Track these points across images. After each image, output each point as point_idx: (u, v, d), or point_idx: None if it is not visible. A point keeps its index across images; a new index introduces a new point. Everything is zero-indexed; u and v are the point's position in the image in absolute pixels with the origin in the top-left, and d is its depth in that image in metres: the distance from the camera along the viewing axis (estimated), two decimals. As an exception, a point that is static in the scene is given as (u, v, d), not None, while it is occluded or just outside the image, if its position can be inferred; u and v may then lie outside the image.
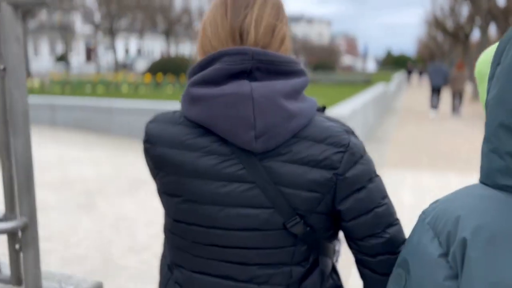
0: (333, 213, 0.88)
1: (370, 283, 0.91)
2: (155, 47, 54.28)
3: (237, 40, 0.85)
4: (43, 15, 41.78)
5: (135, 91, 12.67)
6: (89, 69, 39.78)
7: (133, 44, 52.93)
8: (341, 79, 21.62)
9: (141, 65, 39.53)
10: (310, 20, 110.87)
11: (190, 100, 0.84)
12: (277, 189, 0.82)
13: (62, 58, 39.67)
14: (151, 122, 0.91)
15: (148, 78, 14.42)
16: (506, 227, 0.56)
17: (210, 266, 0.89)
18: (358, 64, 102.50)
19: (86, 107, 9.38)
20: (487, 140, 0.63)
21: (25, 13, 19.83)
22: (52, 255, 3.33)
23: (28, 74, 19.86)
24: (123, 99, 9.68)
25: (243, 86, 0.79)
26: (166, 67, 14.98)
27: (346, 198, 0.84)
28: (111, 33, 34.52)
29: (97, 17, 35.46)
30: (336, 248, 1.01)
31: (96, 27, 35.92)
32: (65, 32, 41.85)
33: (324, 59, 46.93)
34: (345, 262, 1.22)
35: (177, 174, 0.86)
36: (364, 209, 0.85)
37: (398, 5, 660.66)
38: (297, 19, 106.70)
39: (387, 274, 0.77)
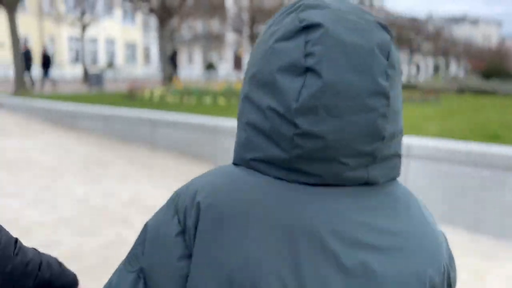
0: None
1: None
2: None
3: None
4: (198, 26, 43.99)
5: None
6: (235, 77, 40.13)
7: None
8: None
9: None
10: (475, 21, 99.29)
11: None
12: None
13: (210, 66, 40.84)
14: None
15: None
16: (233, 206, 0.55)
17: None
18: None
19: (189, 124, 7.36)
20: (238, 118, 0.62)
21: (162, 20, 19.83)
22: None
23: (169, 79, 19.76)
24: (232, 117, 7.55)
25: None
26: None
27: None
28: (252, 39, 33.88)
29: (239, 23, 35.26)
30: None
31: (240, 33, 35.83)
32: (216, 41, 43.22)
33: (495, 64, 39.17)
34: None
35: None
36: None
37: None
38: (458, 20, 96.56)
39: None
